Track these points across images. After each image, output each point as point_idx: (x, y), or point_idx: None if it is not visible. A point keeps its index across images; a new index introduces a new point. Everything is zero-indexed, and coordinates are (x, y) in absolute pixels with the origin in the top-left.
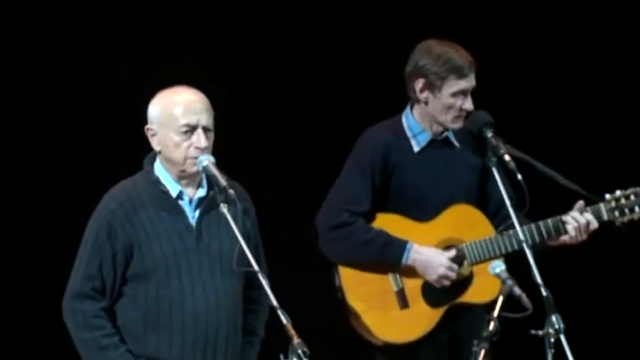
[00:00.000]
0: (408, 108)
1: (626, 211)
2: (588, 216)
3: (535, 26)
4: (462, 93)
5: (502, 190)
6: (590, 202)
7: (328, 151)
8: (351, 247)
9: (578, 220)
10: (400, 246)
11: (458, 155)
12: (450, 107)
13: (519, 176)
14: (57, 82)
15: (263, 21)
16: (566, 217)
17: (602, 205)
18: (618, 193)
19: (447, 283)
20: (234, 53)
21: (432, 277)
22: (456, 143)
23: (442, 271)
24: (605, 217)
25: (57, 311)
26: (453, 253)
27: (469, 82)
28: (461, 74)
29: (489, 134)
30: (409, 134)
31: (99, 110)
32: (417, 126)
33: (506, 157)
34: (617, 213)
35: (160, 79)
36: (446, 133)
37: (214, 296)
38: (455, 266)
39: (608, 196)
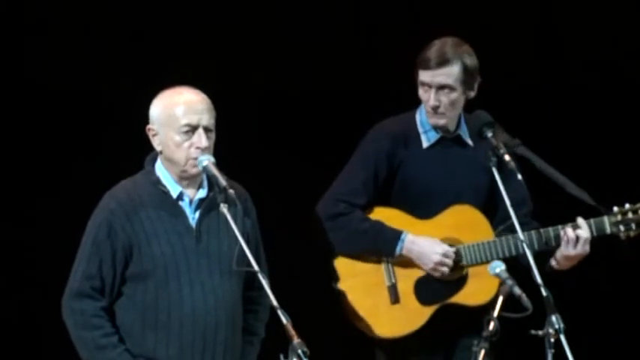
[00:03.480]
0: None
1: (633, 225)
2: (581, 232)
3: (535, 26)
4: (427, 85)
5: (502, 189)
6: (596, 213)
7: (329, 151)
8: (346, 237)
9: (567, 235)
10: (394, 237)
11: (469, 154)
12: (423, 99)
13: (519, 176)
14: (57, 82)
15: (262, 22)
16: (561, 231)
17: (605, 219)
18: (627, 206)
19: (444, 270)
20: (233, 54)
21: (427, 265)
22: (470, 142)
23: (437, 258)
24: (608, 230)
25: (56, 310)
26: (452, 249)
27: (430, 77)
28: (424, 66)
29: (489, 134)
30: (421, 130)
31: (100, 110)
32: (427, 122)
33: (507, 157)
34: (622, 227)
35: (161, 80)
36: (458, 131)
37: (213, 297)
38: (452, 254)
39: (615, 208)
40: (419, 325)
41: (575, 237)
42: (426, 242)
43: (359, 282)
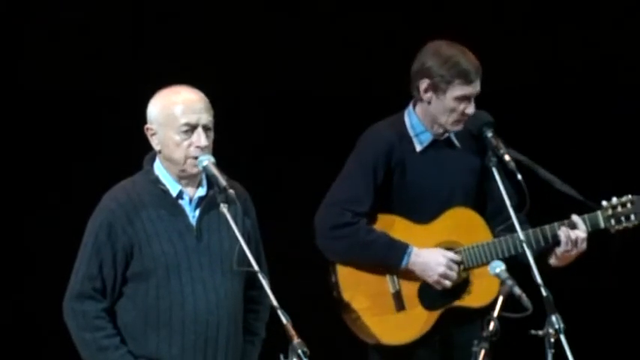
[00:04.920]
0: (410, 106)
1: (622, 219)
2: (579, 233)
3: (537, 25)
4: (466, 98)
5: (502, 190)
6: (587, 209)
7: (328, 151)
8: (352, 247)
9: (567, 236)
10: (401, 249)
11: (458, 156)
12: (452, 110)
13: (519, 176)
14: (55, 82)
15: (261, 23)
16: (559, 232)
17: (599, 213)
18: (615, 200)
19: (447, 283)
20: (231, 55)
21: (432, 278)
22: (457, 144)
23: (442, 270)
24: (602, 225)
25: (57, 312)
26: (452, 255)
27: (474, 88)
28: (467, 80)
29: (489, 134)
30: (411, 133)
31: (98, 110)
32: (419, 125)
33: (506, 157)
34: (613, 221)
35: (159, 80)
36: (447, 134)
37: (215, 296)
38: (455, 265)
39: (605, 203)
40: (425, 330)
41: (575, 238)
42: (430, 254)
43: (362, 291)
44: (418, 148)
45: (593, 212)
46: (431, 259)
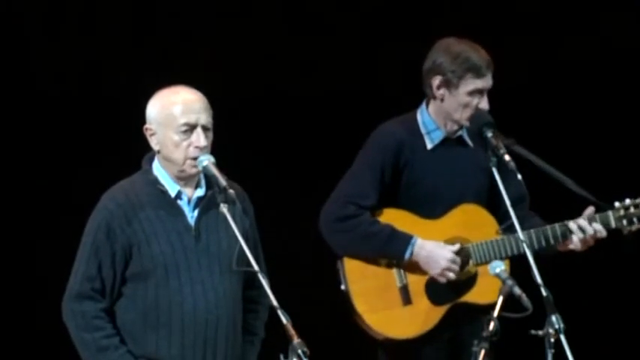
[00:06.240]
0: (423, 105)
1: (635, 220)
2: (596, 226)
3: (538, 24)
4: (479, 92)
5: (502, 190)
6: (599, 209)
7: (329, 151)
8: (355, 240)
9: (585, 230)
10: (405, 240)
11: (470, 155)
12: (465, 105)
13: (519, 176)
14: (55, 83)
15: (260, 23)
16: (573, 226)
17: (610, 213)
18: (628, 201)
19: (450, 276)
20: (229, 54)
21: (435, 271)
22: (470, 143)
23: (445, 264)
24: (613, 225)
25: (57, 312)
26: (457, 246)
27: (486, 82)
28: (478, 73)
29: (489, 134)
30: (423, 131)
31: (96, 111)
32: (431, 123)
33: (507, 157)
34: (625, 222)
35: (159, 80)
36: (460, 132)
37: (214, 296)
38: (458, 260)
39: (617, 204)
40: (431, 325)
41: (593, 231)
42: (434, 247)
43: (369, 285)
44: (429, 146)
45: (605, 212)
46: (435, 252)
